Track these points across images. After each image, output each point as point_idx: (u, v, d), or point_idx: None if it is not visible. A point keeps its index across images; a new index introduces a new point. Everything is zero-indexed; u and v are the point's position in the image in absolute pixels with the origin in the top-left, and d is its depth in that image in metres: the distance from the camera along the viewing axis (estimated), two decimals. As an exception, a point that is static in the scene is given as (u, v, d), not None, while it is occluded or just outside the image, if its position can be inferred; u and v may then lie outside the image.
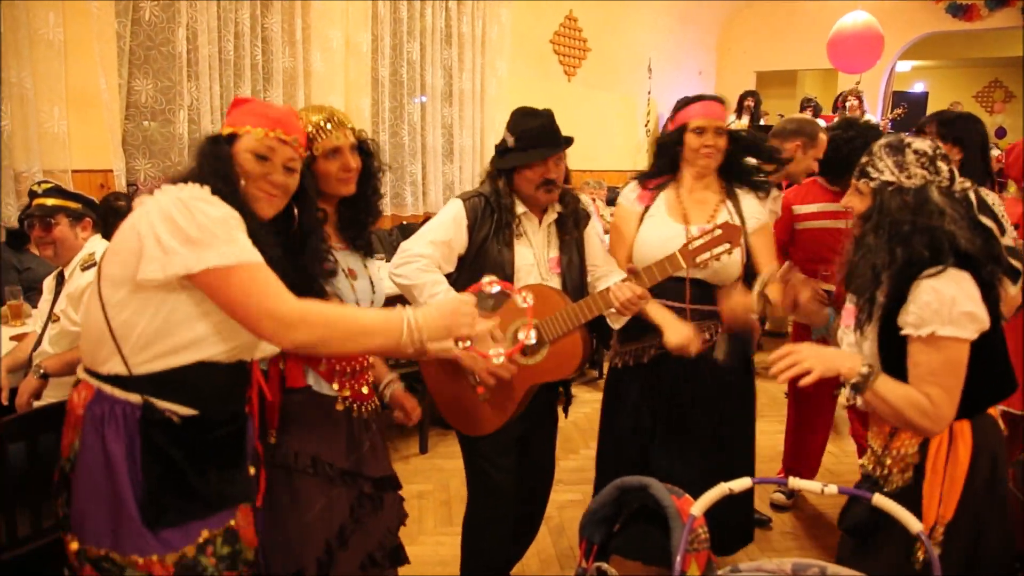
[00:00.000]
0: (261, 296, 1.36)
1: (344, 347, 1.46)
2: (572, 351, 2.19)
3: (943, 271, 1.59)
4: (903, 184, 1.67)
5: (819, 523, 3.31)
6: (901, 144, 1.71)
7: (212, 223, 1.36)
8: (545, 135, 2.18)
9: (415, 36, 5.71)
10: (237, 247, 1.37)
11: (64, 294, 2.53)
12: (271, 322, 1.36)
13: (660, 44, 8.99)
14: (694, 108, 2.38)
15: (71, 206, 2.58)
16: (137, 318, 1.39)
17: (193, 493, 1.45)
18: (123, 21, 3.98)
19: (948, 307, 1.58)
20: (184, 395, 1.43)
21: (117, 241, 1.44)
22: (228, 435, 1.52)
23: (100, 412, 1.41)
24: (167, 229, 1.34)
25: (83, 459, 1.42)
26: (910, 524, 1.39)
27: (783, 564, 1.35)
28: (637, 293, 2.13)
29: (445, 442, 4.02)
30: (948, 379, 1.61)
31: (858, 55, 7.27)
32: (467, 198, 2.25)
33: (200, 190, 1.41)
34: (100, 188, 3.92)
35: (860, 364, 1.66)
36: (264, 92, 4.67)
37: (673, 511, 1.56)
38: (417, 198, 5.89)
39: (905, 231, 1.63)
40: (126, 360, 1.40)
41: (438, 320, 1.50)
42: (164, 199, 1.38)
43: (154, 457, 1.41)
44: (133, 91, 4.11)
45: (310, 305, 1.43)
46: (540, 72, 7.19)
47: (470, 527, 2.43)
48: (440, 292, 2.14)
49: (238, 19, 4.45)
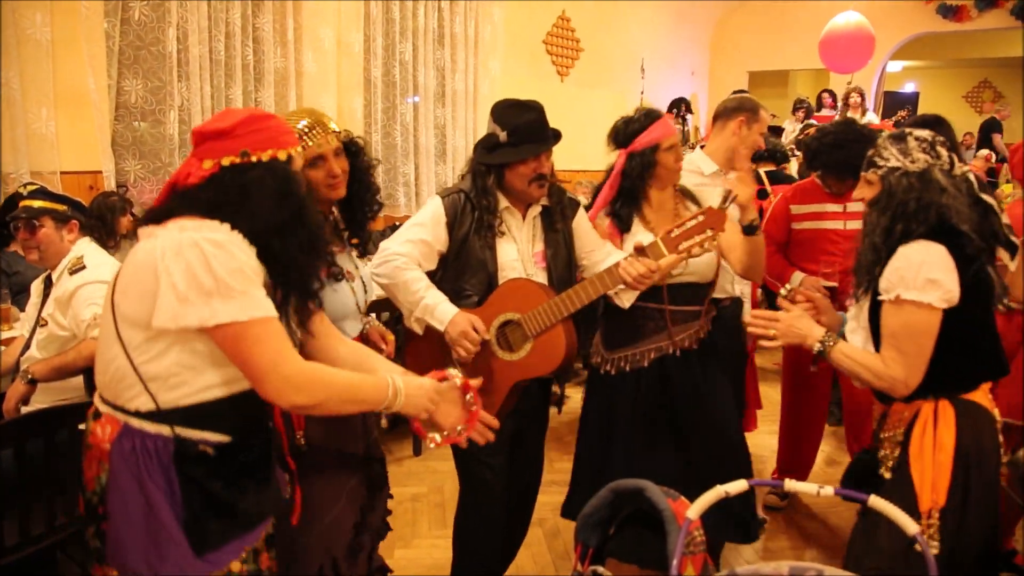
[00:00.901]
0: (271, 354, 1.36)
1: (335, 410, 1.51)
2: (555, 345, 2.15)
3: (922, 241, 1.70)
4: (908, 168, 1.78)
5: (813, 523, 3.30)
6: (903, 134, 1.83)
7: (228, 273, 1.32)
8: (537, 129, 2.15)
9: (407, 36, 5.69)
10: (250, 301, 1.35)
11: (52, 298, 2.51)
12: (277, 381, 1.37)
13: (653, 44, 8.99)
14: (659, 126, 2.35)
15: (57, 208, 2.55)
16: (162, 359, 1.37)
17: (235, 512, 1.45)
18: (112, 20, 3.94)
19: (914, 272, 1.69)
20: (215, 424, 1.43)
21: (129, 276, 1.39)
22: (259, 454, 1.53)
23: (130, 446, 1.39)
24: (183, 277, 1.31)
25: (116, 493, 1.40)
26: (906, 526, 1.39)
27: (780, 567, 1.35)
28: (651, 267, 2.09)
29: (439, 444, 3.99)
30: (905, 343, 1.73)
31: (850, 55, 7.31)
32: (446, 195, 2.22)
33: (220, 230, 1.36)
34: (89, 190, 3.88)
35: (819, 337, 1.84)
36: (256, 93, 4.64)
37: (669, 514, 1.55)
38: (410, 199, 5.87)
39: (908, 209, 1.74)
40: (155, 397, 1.39)
41: (418, 401, 1.58)
42: (180, 239, 1.33)
43: (193, 490, 1.40)
44: (123, 91, 4.08)
45: (315, 368, 1.45)
46: (533, 72, 7.18)
47: (461, 526, 2.41)
48: (420, 289, 2.12)
49: (229, 19, 4.42)
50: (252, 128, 1.43)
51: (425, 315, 2.12)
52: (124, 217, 3.35)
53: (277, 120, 1.51)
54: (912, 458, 1.74)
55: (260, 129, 1.44)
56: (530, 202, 2.25)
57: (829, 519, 3.32)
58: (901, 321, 1.73)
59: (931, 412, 1.75)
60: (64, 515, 2.16)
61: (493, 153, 2.18)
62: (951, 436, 1.72)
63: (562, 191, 2.33)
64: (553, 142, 2.18)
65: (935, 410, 1.75)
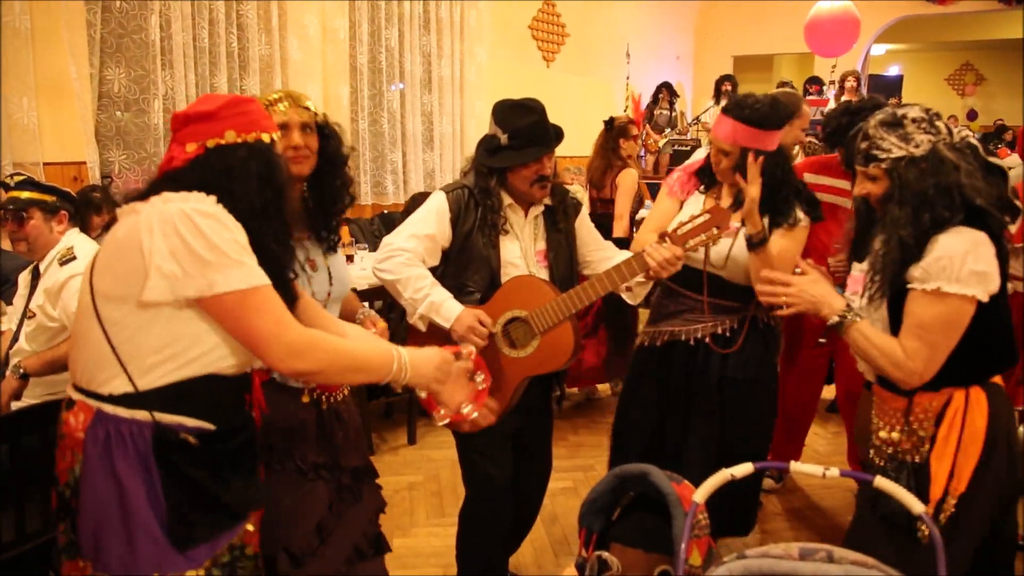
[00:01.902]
0: (272, 321, 1.35)
1: (340, 378, 1.51)
2: (564, 341, 2.15)
3: (960, 228, 1.61)
4: (914, 155, 1.68)
5: (808, 504, 3.33)
6: (896, 119, 1.72)
7: (224, 243, 1.30)
8: (539, 132, 2.13)
9: (393, 22, 5.63)
10: (247, 270, 1.33)
11: (41, 289, 2.46)
12: (280, 348, 1.35)
13: (638, 29, 8.97)
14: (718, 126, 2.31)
15: (45, 199, 2.50)
16: (143, 335, 1.33)
17: (219, 505, 1.42)
18: (93, 8, 3.87)
19: (959, 264, 1.60)
20: (193, 408, 1.38)
21: (110, 255, 1.36)
22: (244, 442, 1.50)
23: (103, 434, 1.34)
24: (175, 248, 1.28)
25: (89, 484, 1.36)
26: (912, 505, 1.39)
27: (790, 549, 1.34)
28: (677, 254, 2.07)
29: (434, 432, 3.99)
30: (936, 335, 1.64)
31: (835, 39, 7.33)
32: (450, 190, 2.20)
33: (207, 201, 1.34)
34: (74, 181, 3.82)
35: (839, 309, 1.73)
36: (240, 81, 4.58)
37: (674, 498, 1.55)
38: (398, 186, 5.83)
39: (929, 196, 1.64)
40: (132, 379, 1.34)
41: (425, 373, 1.57)
42: (166, 210, 1.30)
43: (175, 480, 1.36)
44: (105, 80, 4.01)
45: (316, 334, 1.43)
46: (519, 58, 7.14)
47: (467, 520, 2.41)
48: (425, 287, 2.10)
49: (212, 6, 4.35)
50: (237, 111, 1.43)
51: (430, 312, 2.10)
52: (98, 216, 3.23)
53: (258, 104, 1.50)
54: (936, 446, 1.67)
55: (244, 112, 1.44)
56: (532, 202, 2.24)
57: (824, 501, 3.35)
58: (936, 313, 1.63)
59: (963, 400, 1.68)
60: (60, 511, 2.13)
61: (495, 156, 2.16)
62: (983, 423, 1.66)
63: (565, 191, 2.33)
64: (555, 144, 2.17)
65: (966, 397, 1.68)
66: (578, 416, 4.36)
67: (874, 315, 1.76)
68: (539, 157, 2.13)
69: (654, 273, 2.11)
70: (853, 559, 1.31)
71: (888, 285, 1.70)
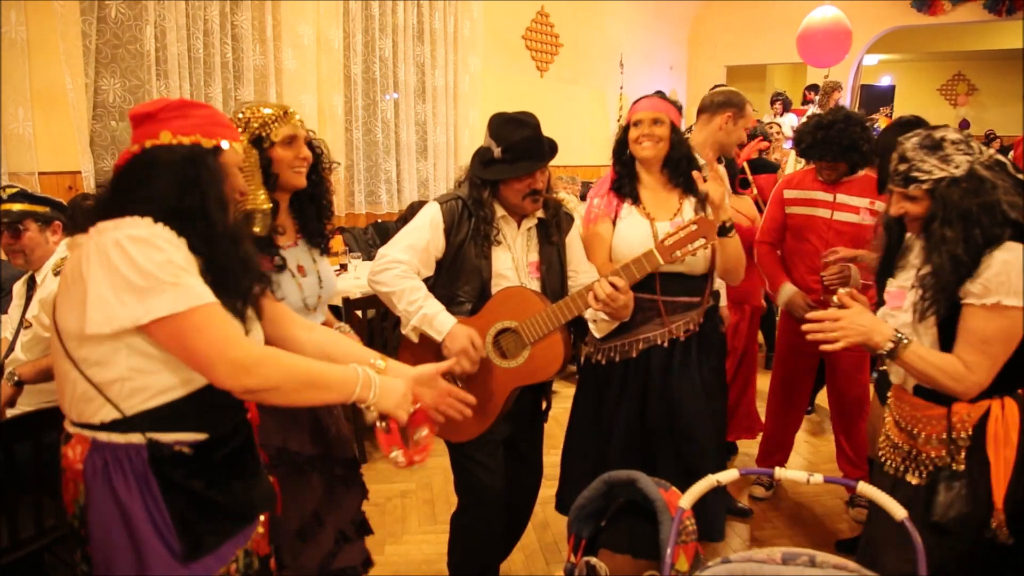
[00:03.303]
0: (214, 341, 1.30)
1: (297, 398, 1.41)
2: (554, 352, 2.17)
3: (1010, 244, 1.67)
4: (955, 175, 1.73)
5: (798, 511, 3.35)
6: (936, 141, 1.77)
7: (156, 267, 1.27)
8: (532, 147, 2.16)
9: (387, 33, 5.67)
10: (183, 291, 1.29)
11: (36, 299, 2.47)
12: (225, 366, 1.30)
13: (632, 39, 9.03)
14: (635, 105, 2.48)
15: (39, 210, 2.52)
16: (113, 366, 1.32)
17: (224, 510, 1.42)
18: (88, 19, 3.90)
19: (1016, 278, 1.65)
20: (185, 424, 1.39)
21: (65, 294, 1.35)
22: (239, 447, 1.49)
23: (102, 462, 1.35)
24: (107, 278, 1.26)
25: (94, 513, 1.36)
26: (894, 512, 1.41)
27: (773, 554, 1.37)
28: (619, 287, 2.12)
29: (426, 440, 3.99)
30: (996, 347, 1.70)
31: (827, 49, 7.38)
32: (444, 201, 2.22)
33: (140, 224, 1.31)
34: (68, 190, 3.84)
35: (890, 336, 1.75)
36: (235, 90, 4.61)
37: (661, 504, 1.57)
38: (392, 196, 5.86)
39: (974, 214, 1.70)
40: (117, 406, 1.34)
41: (391, 398, 1.51)
42: (101, 241, 1.29)
43: (175, 493, 1.36)
44: (100, 90, 4.03)
45: (268, 350, 1.40)
46: (513, 68, 7.18)
47: (459, 527, 2.42)
48: (419, 299, 2.13)
49: (207, 16, 4.38)
50: (177, 113, 1.41)
51: (423, 324, 2.12)
52: None
53: (212, 111, 1.47)
54: (990, 456, 1.72)
55: (187, 115, 1.42)
56: (525, 214, 2.27)
57: (814, 508, 3.37)
58: (998, 327, 1.68)
59: (1000, 410, 1.74)
60: (53, 517, 2.14)
61: (488, 168, 2.19)
62: (1016, 433, 1.72)
63: (558, 205, 2.36)
64: (549, 158, 2.19)
65: (1003, 408, 1.74)
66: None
67: (922, 332, 1.79)
68: (531, 171, 2.15)
69: (598, 308, 2.14)
70: (834, 563, 1.34)
71: (943, 302, 1.73)
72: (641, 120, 2.40)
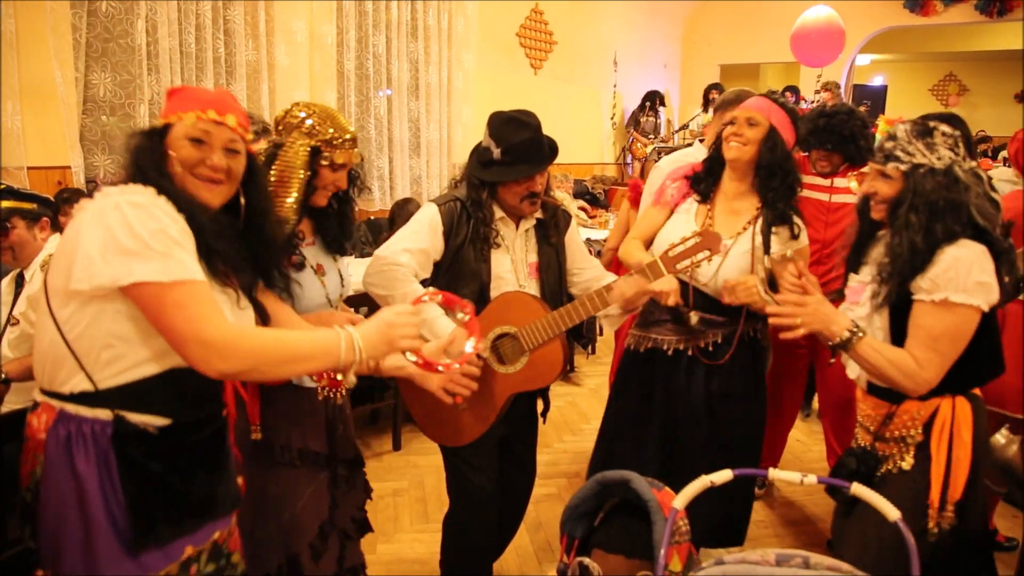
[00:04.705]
0: (191, 319, 1.28)
1: (278, 373, 1.40)
2: (553, 359, 2.15)
3: (965, 241, 1.67)
4: (934, 165, 1.73)
5: (792, 512, 3.35)
6: (928, 128, 1.77)
7: (149, 234, 1.28)
8: (532, 149, 2.12)
9: (381, 29, 5.64)
10: (172, 262, 1.29)
11: (24, 296, 2.45)
12: (198, 347, 1.28)
13: (626, 37, 9.03)
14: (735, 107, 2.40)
15: (26, 207, 2.49)
16: (93, 331, 1.32)
17: (182, 500, 1.39)
18: (78, 13, 3.86)
19: (965, 274, 1.65)
20: (157, 405, 1.37)
21: (59, 251, 1.36)
22: (209, 438, 1.46)
23: (65, 433, 1.32)
24: (99, 237, 1.28)
25: (49, 486, 1.34)
26: (888, 512, 1.41)
27: (766, 555, 1.36)
28: (646, 289, 2.10)
29: (419, 439, 3.99)
30: (946, 345, 1.69)
31: (821, 49, 7.39)
32: (442, 203, 2.19)
33: (143, 193, 1.34)
34: (58, 185, 3.81)
35: (848, 326, 1.75)
36: (227, 86, 4.57)
37: (655, 504, 1.56)
38: (384, 192, 5.83)
39: (940, 208, 1.70)
40: (91, 376, 1.33)
41: (375, 335, 1.44)
42: (103, 203, 1.31)
43: (133, 472, 1.33)
44: (90, 85, 4.00)
45: (243, 331, 1.36)
46: (506, 65, 7.17)
47: (451, 528, 2.41)
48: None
49: (199, 11, 4.35)
50: (172, 97, 1.50)
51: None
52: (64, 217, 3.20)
53: (191, 91, 1.51)
54: (932, 454, 1.73)
55: (173, 98, 1.49)
56: (522, 216, 2.25)
57: (807, 508, 3.37)
58: (947, 324, 1.68)
59: (950, 409, 1.74)
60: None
61: (487, 169, 2.16)
62: (969, 432, 1.72)
63: (556, 206, 2.34)
64: (549, 161, 2.15)
65: (953, 407, 1.74)
66: (563, 421, 4.38)
67: (875, 324, 1.80)
68: (531, 175, 2.12)
69: (621, 308, 2.14)
70: (828, 564, 1.33)
71: (896, 292, 1.74)
72: (736, 118, 2.31)
